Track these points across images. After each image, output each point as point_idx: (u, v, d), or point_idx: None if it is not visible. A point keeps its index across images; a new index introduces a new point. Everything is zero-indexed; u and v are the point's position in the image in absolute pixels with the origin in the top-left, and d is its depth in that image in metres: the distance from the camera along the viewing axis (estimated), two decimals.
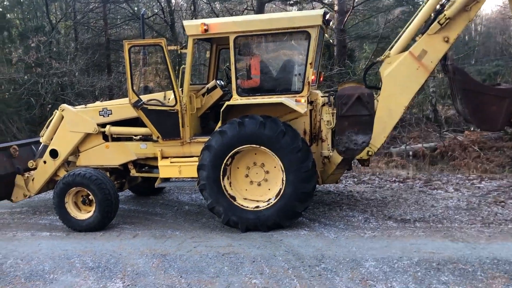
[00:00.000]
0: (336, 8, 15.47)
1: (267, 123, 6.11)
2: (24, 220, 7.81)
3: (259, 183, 6.50)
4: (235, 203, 6.35)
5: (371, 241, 5.79)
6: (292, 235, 6.17)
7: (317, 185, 6.66)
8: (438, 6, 6.23)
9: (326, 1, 17.26)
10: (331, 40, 15.97)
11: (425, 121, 13.65)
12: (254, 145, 6.21)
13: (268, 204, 6.28)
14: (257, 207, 6.33)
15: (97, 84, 13.96)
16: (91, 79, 14.11)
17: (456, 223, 6.32)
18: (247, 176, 6.51)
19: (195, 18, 18.06)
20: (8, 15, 16.92)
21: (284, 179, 6.17)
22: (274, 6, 23.71)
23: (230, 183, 6.45)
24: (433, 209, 7.00)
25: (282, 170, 6.18)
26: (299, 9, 17.23)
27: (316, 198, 7.92)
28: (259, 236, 6.19)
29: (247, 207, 6.35)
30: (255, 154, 6.42)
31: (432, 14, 6.27)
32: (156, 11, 20.22)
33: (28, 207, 8.72)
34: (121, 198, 8.83)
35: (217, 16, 17.70)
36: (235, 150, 6.26)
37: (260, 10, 16.19)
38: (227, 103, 6.44)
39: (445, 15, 5.96)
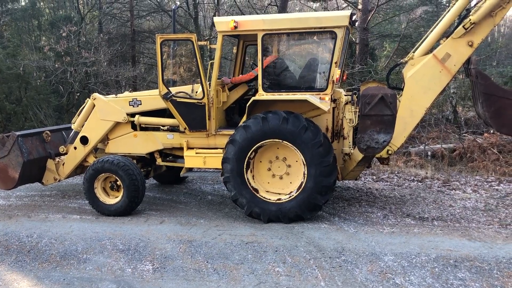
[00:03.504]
0: (360, 6, 15.54)
1: (290, 119, 6.32)
2: (55, 203, 8.16)
3: (281, 176, 6.71)
4: (257, 195, 6.58)
5: (389, 237, 5.99)
6: (313, 227, 6.40)
7: (337, 181, 6.85)
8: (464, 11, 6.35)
9: None
10: (353, 39, 16.06)
11: (445, 122, 13.71)
12: (277, 140, 6.42)
13: (290, 196, 6.49)
14: (279, 199, 6.56)
15: (123, 74, 14.30)
16: (117, 69, 14.47)
17: (474, 223, 6.47)
18: (269, 169, 6.74)
19: (218, 12, 18.27)
20: (38, 3, 17.33)
21: (306, 173, 6.37)
22: (296, 1, 23.81)
23: (253, 176, 6.69)
24: (451, 208, 7.15)
25: (303, 164, 6.38)
26: (323, 7, 17.33)
27: (336, 193, 8.13)
28: (281, 227, 6.43)
29: (269, 199, 6.58)
30: (278, 148, 6.63)
31: (456, 19, 6.39)
32: (179, 3, 20.53)
33: (57, 190, 9.10)
34: (147, 186, 9.16)
35: (240, 11, 17.88)
36: (258, 144, 6.48)
37: (283, 5, 16.32)
38: (253, 98, 6.65)
39: (470, 19, 6.07)
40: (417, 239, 5.86)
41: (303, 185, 6.41)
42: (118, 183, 7.24)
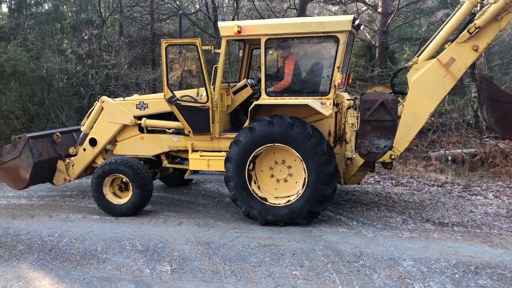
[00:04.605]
0: (380, 9, 15.43)
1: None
2: (75, 203, 8.29)
3: (285, 179, 6.78)
4: (267, 203, 6.63)
5: (409, 242, 5.92)
6: (331, 231, 6.37)
7: (339, 185, 6.95)
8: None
9: (369, 2, 17.23)
10: (373, 42, 15.95)
11: (466, 126, 13.49)
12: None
13: (298, 195, 6.50)
14: (289, 201, 6.57)
15: (143, 77, 14.47)
16: (137, 71, 14.64)
17: (496, 230, 6.36)
18: (272, 176, 6.82)
19: (237, 15, 18.35)
20: (61, 7, 17.67)
21: (306, 179, 6.43)
22: (315, 4, 23.77)
23: (258, 187, 6.78)
24: (471, 214, 7.04)
25: (304, 171, 6.44)
26: (342, 10, 17.25)
27: (354, 197, 8.08)
28: (298, 230, 6.42)
29: (278, 203, 6.60)
30: (274, 153, 6.74)
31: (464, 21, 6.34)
32: (198, 7, 20.68)
33: (78, 191, 9.24)
34: (165, 187, 9.25)
35: (259, 14, 17.93)
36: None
37: (302, 9, 16.30)
38: (255, 102, 6.74)
39: (475, 24, 6.00)
40: (437, 245, 5.79)
41: (307, 181, 6.41)
42: (126, 183, 7.39)
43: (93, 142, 7.95)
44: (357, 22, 6.61)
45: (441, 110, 13.02)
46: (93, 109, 8.12)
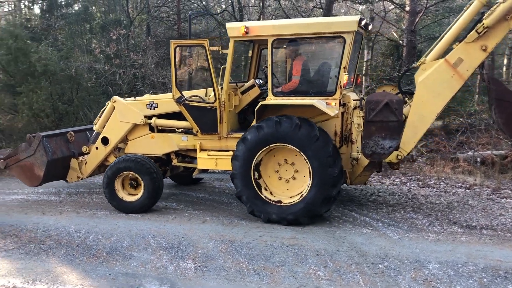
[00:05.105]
0: (407, 8, 15.19)
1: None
2: (102, 200, 8.42)
3: (293, 177, 6.80)
4: (282, 205, 6.64)
5: (435, 244, 5.82)
6: (355, 232, 6.31)
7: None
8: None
9: (397, 1, 16.97)
10: (400, 41, 15.71)
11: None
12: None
13: (308, 186, 6.50)
14: (301, 195, 6.57)
15: (170, 76, 14.61)
16: (164, 71, 14.82)
17: None
18: (280, 178, 6.86)
19: (263, 15, 18.36)
20: (90, 8, 18.04)
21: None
22: (342, 3, 23.58)
23: (271, 192, 6.80)
24: (501, 217, 6.86)
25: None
26: (369, 9, 17.05)
27: (380, 199, 7.98)
28: (322, 231, 6.38)
29: (293, 201, 6.59)
30: (274, 156, 6.80)
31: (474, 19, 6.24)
32: (224, 7, 20.77)
33: None
34: (190, 185, 9.33)
35: (285, 13, 17.90)
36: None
37: (328, 8, 16.18)
38: (261, 102, 6.78)
39: (483, 23, 5.91)
40: (464, 248, 5.67)
41: (312, 174, 6.44)
42: (138, 181, 7.51)
43: (105, 141, 8.12)
44: (363, 22, 6.63)
45: (470, 110, 12.73)
46: (105, 108, 8.31)
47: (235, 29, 6.88)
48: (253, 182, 6.70)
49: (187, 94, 7.45)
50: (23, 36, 13.81)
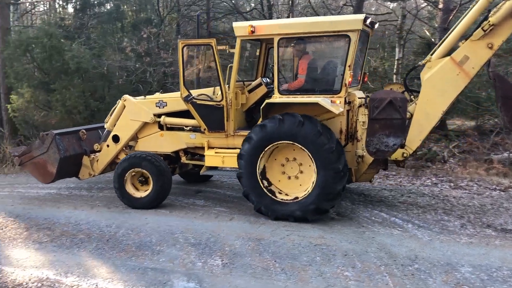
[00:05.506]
0: (440, 6, 14.85)
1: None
2: None
3: (301, 171, 6.81)
4: (299, 200, 6.64)
5: (467, 247, 5.67)
6: (384, 233, 6.21)
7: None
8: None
9: None
10: (432, 39, 15.38)
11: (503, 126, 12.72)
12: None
13: (317, 173, 6.49)
14: (307, 190, 6.61)
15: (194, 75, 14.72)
16: (192, 69, 14.90)
17: None
18: (289, 178, 6.88)
19: (292, 13, 18.28)
20: (122, 7, 18.32)
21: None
22: (372, 1, 23.26)
23: (286, 194, 6.82)
24: None
25: (314, 170, 6.48)
26: (401, 6, 16.75)
27: (410, 199, 7.84)
28: (351, 231, 6.31)
29: (308, 192, 6.57)
30: (275, 159, 6.84)
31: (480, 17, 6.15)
32: (253, 5, 20.75)
33: None
34: (217, 183, 9.39)
35: (314, 11, 17.77)
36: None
37: (359, 6, 15.97)
38: (266, 101, 6.80)
39: (489, 21, 5.81)
40: (499, 252, 5.50)
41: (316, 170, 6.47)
42: (146, 177, 7.65)
43: (116, 138, 8.28)
44: (369, 20, 6.63)
45: None
46: (116, 107, 8.46)
47: (241, 28, 6.97)
48: (265, 190, 6.76)
49: (195, 92, 7.57)
50: (57, 35, 14.13)
